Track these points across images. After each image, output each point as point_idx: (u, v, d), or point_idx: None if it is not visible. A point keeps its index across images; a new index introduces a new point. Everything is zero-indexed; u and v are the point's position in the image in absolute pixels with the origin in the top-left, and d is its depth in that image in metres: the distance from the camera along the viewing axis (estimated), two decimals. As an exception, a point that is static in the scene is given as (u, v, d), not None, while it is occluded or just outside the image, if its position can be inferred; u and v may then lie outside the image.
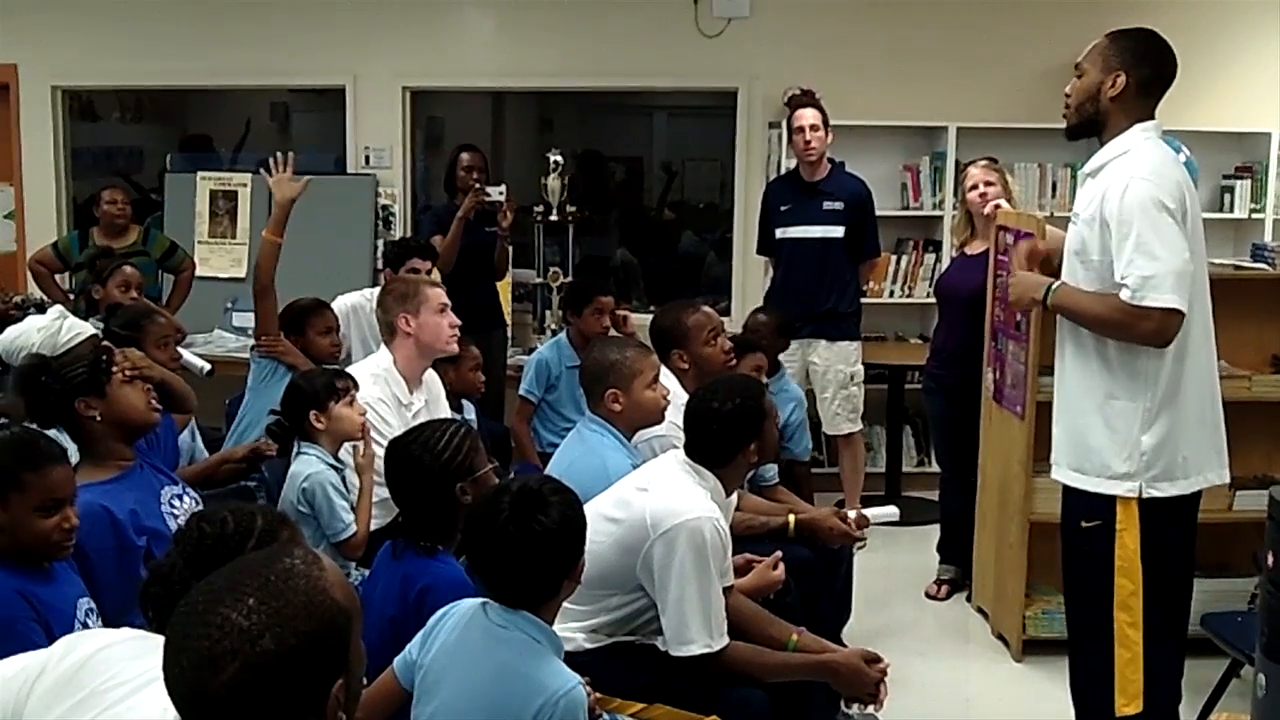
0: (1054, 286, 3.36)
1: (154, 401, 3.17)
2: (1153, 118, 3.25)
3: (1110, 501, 3.24)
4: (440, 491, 2.88)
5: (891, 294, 6.78)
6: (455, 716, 2.35)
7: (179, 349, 4.80)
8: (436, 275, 5.33)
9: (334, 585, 1.49)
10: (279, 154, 4.70)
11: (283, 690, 1.42)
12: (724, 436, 3.21)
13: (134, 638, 1.68)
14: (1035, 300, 3.45)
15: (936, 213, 6.71)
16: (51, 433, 3.13)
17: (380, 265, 6.51)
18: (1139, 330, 3.13)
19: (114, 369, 3.05)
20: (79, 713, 1.56)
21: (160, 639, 1.52)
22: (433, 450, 2.91)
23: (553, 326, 6.46)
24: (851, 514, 4.06)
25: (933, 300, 5.74)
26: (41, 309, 4.95)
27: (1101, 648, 3.29)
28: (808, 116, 5.63)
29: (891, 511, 4.27)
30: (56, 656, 1.64)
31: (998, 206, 4.89)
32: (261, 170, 4.76)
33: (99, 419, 3.00)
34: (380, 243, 6.88)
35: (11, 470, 2.47)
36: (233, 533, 1.99)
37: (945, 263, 6.44)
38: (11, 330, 4.28)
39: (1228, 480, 3.39)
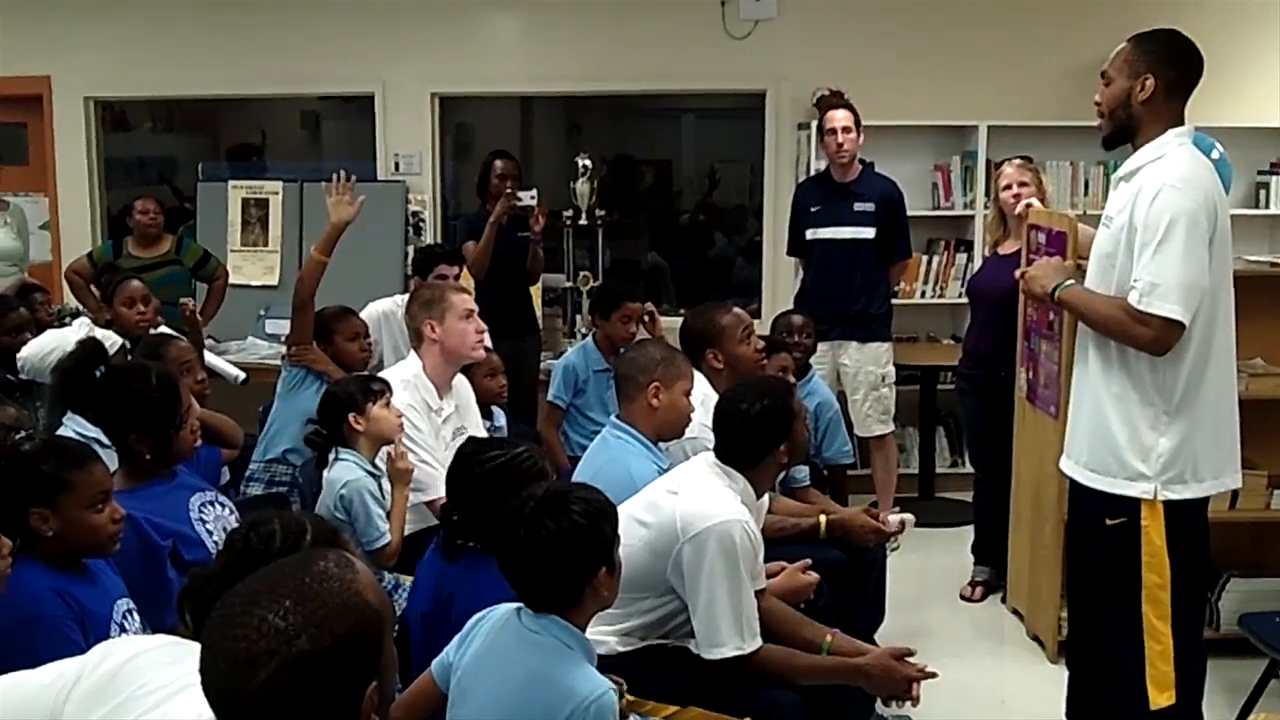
0: (1065, 283, 3.43)
1: (197, 437, 3.26)
2: (1183, 119, 3.25)
3: (1134, 500, 3.25)
4: (493, 509, 2.81)
5: (923, 294, 6.75)
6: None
7: (211, 356, 4.86)
8: (468, 281, 5.34)
9: (367, 588, 1.51)
10: (342, 172, 4.68)
11: (318, 691, 1.44)
12: (753, 438, 3.20)
13: (168, 643, 1.70)
14: (1045, 291, 3.52)
15: (968, 212, 6.68)
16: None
17: (410, 272, 6.53)
18: (1136, 334, 3.16)
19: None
20: (115, 718, 1.57)
21: (194, 645, 1.54)
22: (500, 474, 2.89)
23: (582, 331, 6.46)
24: (893, 519, 4.05)
25: (964, 300, 5.71)
26: (75, 318, 5.01)
27: (1131, 644, 3.28)
28: (839, 118, 5.62)
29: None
30: (92, 663, 1.65)
31: (1030, 205, 4.87)
32: (323, 184, 4.75)
33: (148, 456, 3.08)
34: (410, 249, 6.90)
35: (57, 474, 2.54)
36: (279, 549, 2.00)
37: (977, 263, 6.42)
38: (39, 342, 4.34)
39: (1240, 484, 3.43)
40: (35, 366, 4.30)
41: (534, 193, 6.06)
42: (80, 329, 4.34)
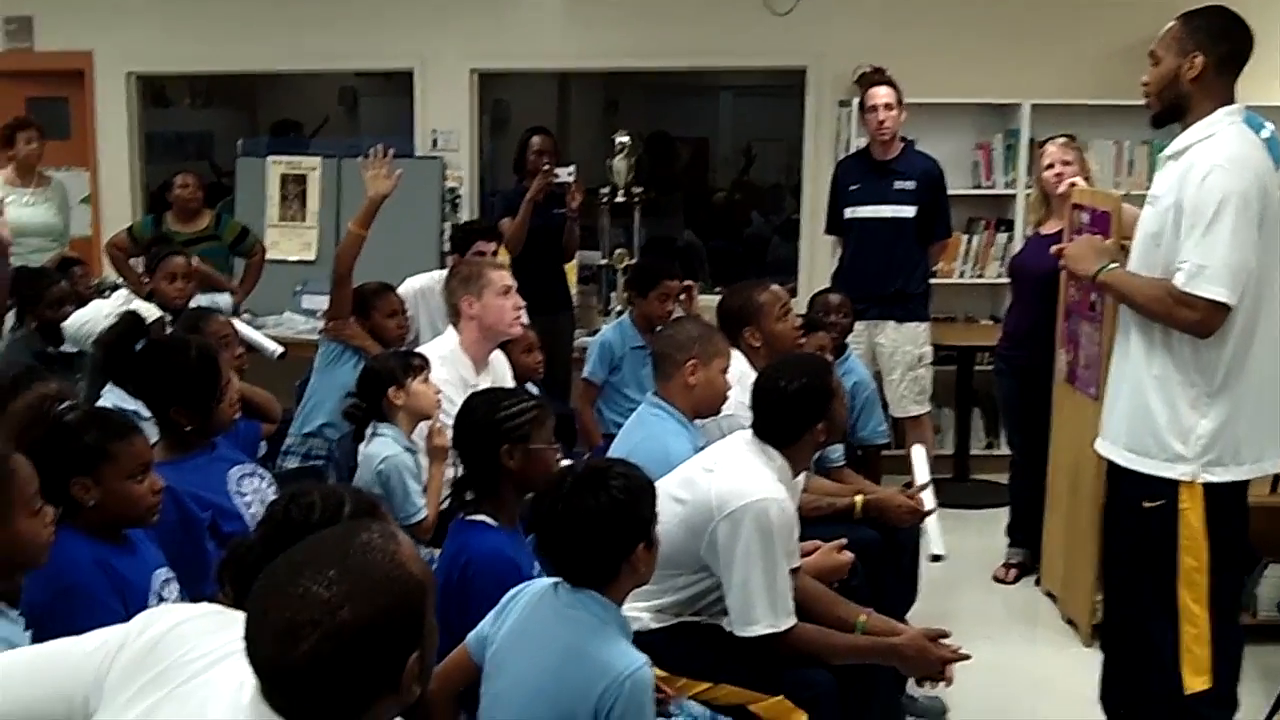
0: (1108, 266, 3.38)
1: (237, 410, 3.29)
2: (1233, 97, 3.20)
3: (1173, 482, 3.22)
4: (484, 448, 2.92)
5: (962, 274, 6.70)
6: (522, 695, 2.36)
7: (250, 331, 4.88)
8: (504, 258, 5.34)
9: (410, 559, 1.52)
10: (379, 146, 4.69)
11: (361, 661, 1.45)
12: (791, 415, 3.19)
13: (211, 613, 1.71)
14: (1087, 273, 3.48)
15: (1009, 191, 6.62)
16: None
17: (447, 249, 6.54)
18: (1181, 318, 3.12)
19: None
20: (157, 686, 1.59)
21: (236, 614, 1.56)
22: (492, 407, 2.96)
23: (617, 308, 6.45)
24: (927, 499, 4.04)
25: (1004, 280, 5.68)
26: (115, 291, 5.05)
27: (1166, 627, 3.26)
28: (881, 95, 5.59)
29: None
30: (135, 631, 1.67)
31: (1073, 184, 4.82)
32: (360, 159, 4.77)
33: (188, 428, 3.10)
34: (447, 225, 6.91)
35: (101, 445, 2.57)
36: (317, 520, 2.01)
37: (1017, 243, 6.36)
38: (80, 314, 4.38)
39: None
40: (76, 338, 4.35)
41: (571, 169, 6.06)
42: (120, 302, 4.39)
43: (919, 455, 4.31)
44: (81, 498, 2.53)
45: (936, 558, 4.01)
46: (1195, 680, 3.23)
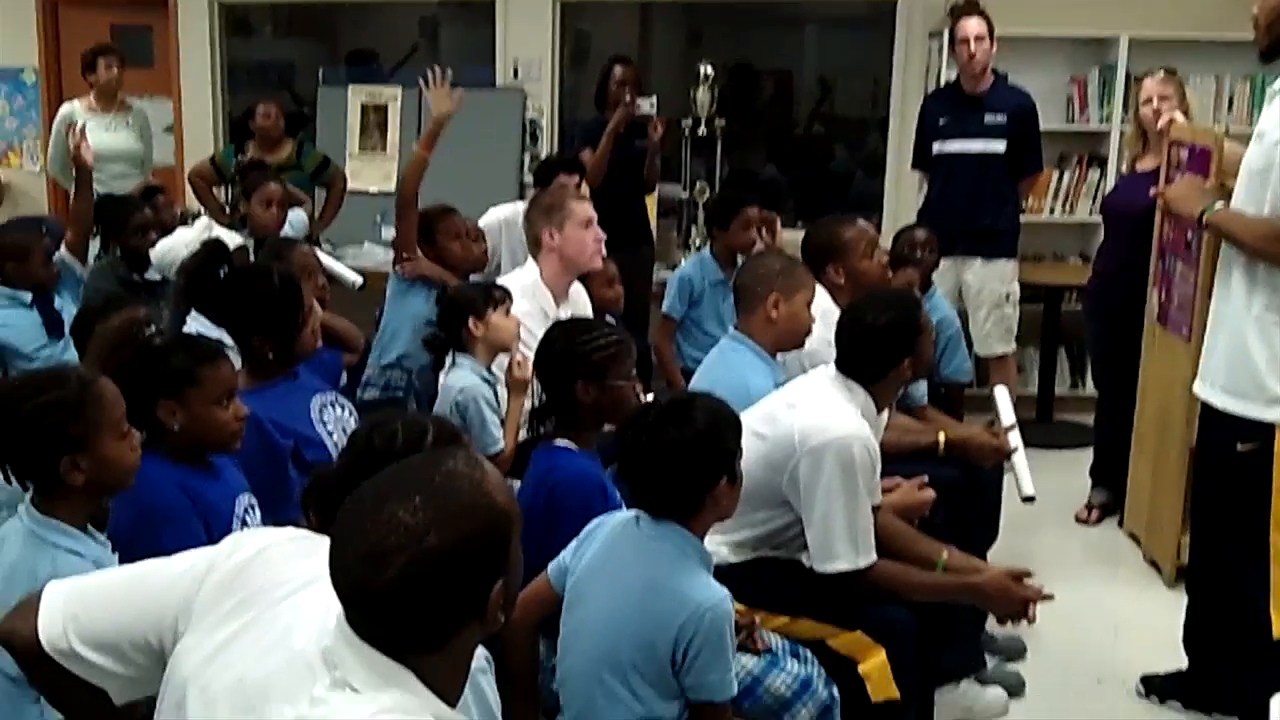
0: (1215, 206, 3.29)
1: (318, 338, 3.30)
2: None
3: (1269, 425, 3.15)
4: (559, 380, 2.91)
5: (1052, 211, 6.55)
6: (603, 625, 2.37)
7: (331, 261, 4.91)
8: (585, 189, 5.31)
9: (496, 488, 1.51)
10: (435, 68, 4.69)
11: (446, 588, 1.44)
12: (879, 351, 3.14)
13: (298, 538, 1.72)
14: (1191, 214, 3.39)
15: (1103, 128, 6.44)
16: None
17: (527, 180, 6.52)
18: None
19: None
20: (245, 609, 1.60)
21: (322, 539, 1.56)
22: (572, 340, 2.94)
23: (697, 243, 6.40)
24: (1012, 438, 3.97)
25: (1095, 219, 5.56)
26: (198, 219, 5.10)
27: (1256, 571, 3.20)
28: (972, 27, 5.47)
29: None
30: (224, 554, 1.68)
31: (1172, 120, 4.68)
32: (420, 81, 4.76)
33: (270, 356, 3.12)
34: (527, 157, 6.88)
35: (188, 369, 2.59)
36: (400, 449, 2.01)
37: (1110, 180, 6.22)
38: (164, 243, 4.43)
39: None
40: (160, 265, 4.40)
41: (653, 100, 5.99)
42: (202, 230, 4.42)
43: (1002, 395, 4.24)
44: (167, 421, 2.56)
45: (1028, 499, 3.94)
46: None
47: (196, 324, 3.64)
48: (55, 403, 2.21)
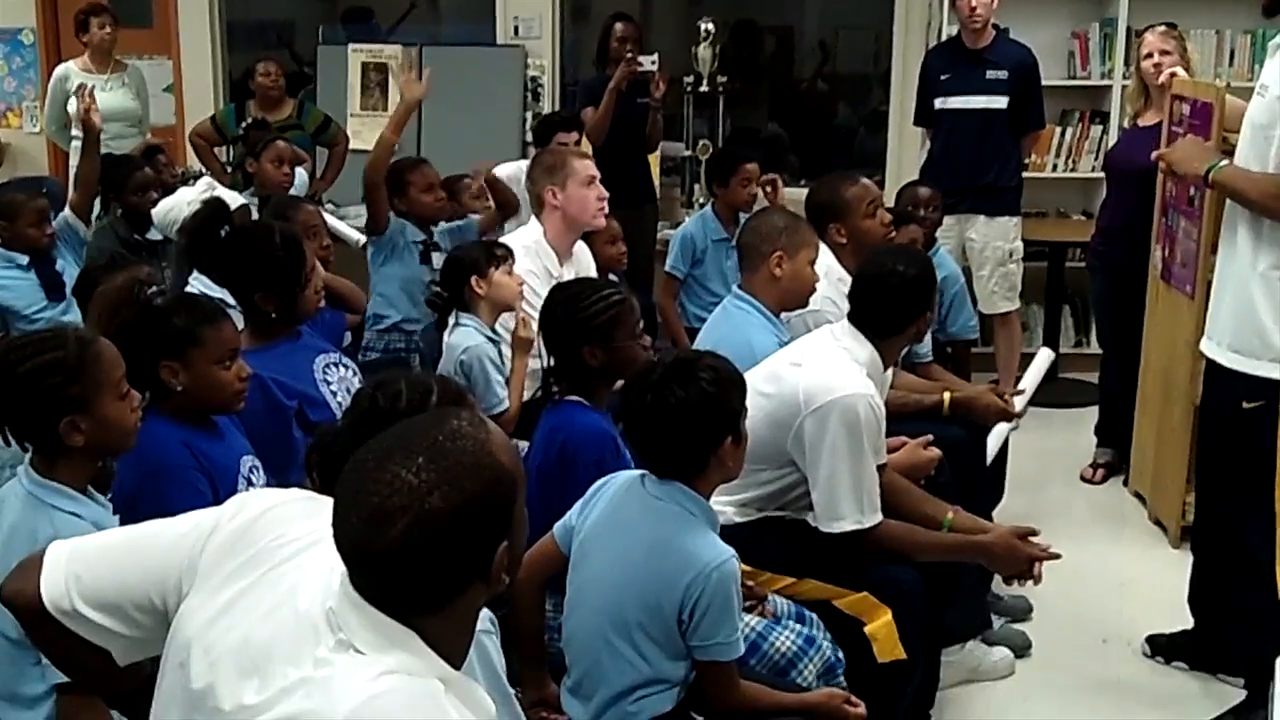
0: (1219, 164, 3.24)
1: (320, 298, 3.29)
2: None
3: (1275, 382, 3.13)
4: (566, 346, 2.90)
5: (1054, 168, 6.50)
6: (609, 584, 2.36)
7: (334, 221, 4.88)
8: (587, 147, 5.27)
9: (500, 448, 1.50)
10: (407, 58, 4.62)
11: (450, 548, 1.43)
12: (902, 303, 3.14)
13: (303, 498, 1.71)
14: (1196, 174, 3.35)
15: (1105, 82, 6.38)
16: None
17: (529, 139, 6.48)
18: None
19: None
20: (248, 570, 1.59)
21: (327, 500, 1.55)
22: (572, 307, 2.92)
23: (700, 200, 6.37)
24: (1019, 401, 3.96)
25: (1097, 175, 5.53)
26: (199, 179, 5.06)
27: (1260, 530, 3.16)
28: (973, -19, 5.41)
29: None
30: (228, 514, 1.67)
31: (1173, 74, 4.64)
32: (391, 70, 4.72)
33: (273, 315, 3.10)
34: (528, 115, 6.84)
35: (190, 328, 2.58)
36: (404, 408, 2.00)
37: (1113, 136, 6.17)
38: (165, 202, 4.40)
39: None
40: (162, 225, 4.38)
41: (655, 58, 5.94)
42: (204, 189, 4.39)
43: (1041, 361, 4.20)
44: (169, 381, 2.55)
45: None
46: None
47: (199, 284, 3.62)
48: (54, 363, 2.19)
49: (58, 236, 4.51)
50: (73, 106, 6.14)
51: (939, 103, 5.67)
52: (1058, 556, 3.00)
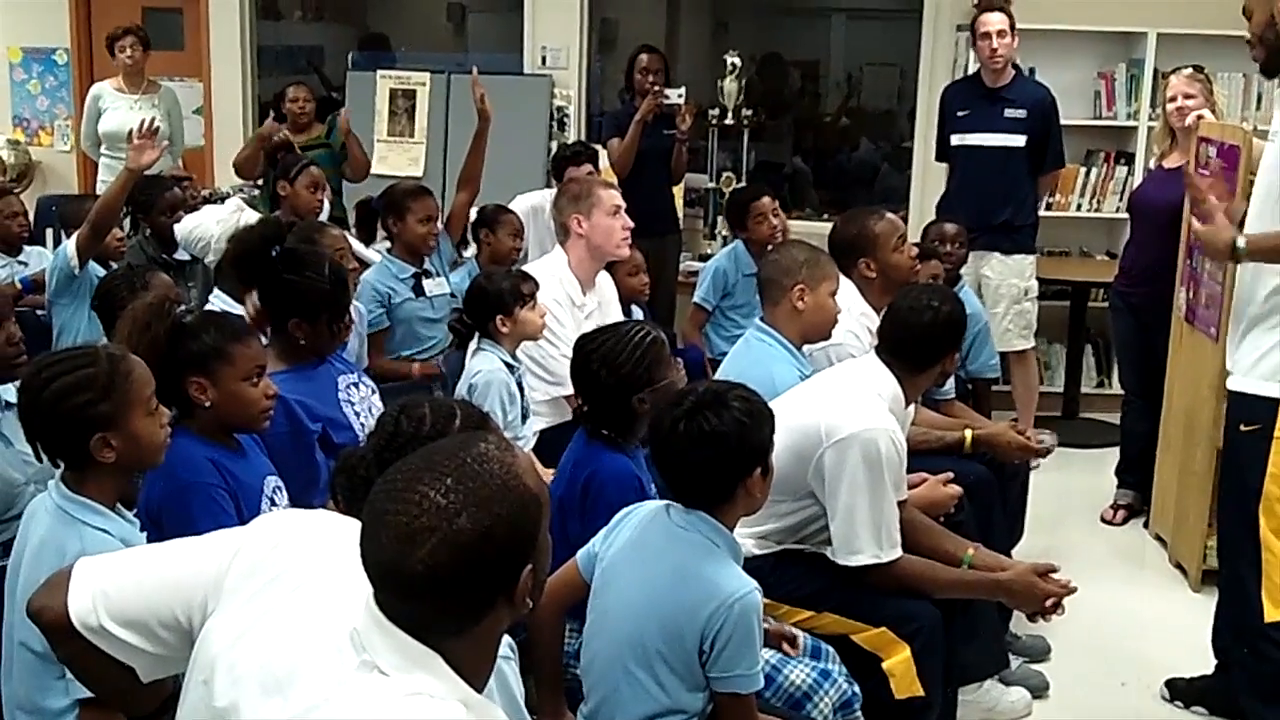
0: (1240, 243, 3.18)
1: (350, 330, 3.33)
2: None
3: (1272, 405, 3.11)
4: (617, 402, 2.85)
5: (1079, 207, 6.49)
6: (631, 612, 2.36)
7: (358, 244, 4.91)
8: (611, 177, 5.30)
9: (526, 472, 1.51)
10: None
11: (476, 569, 1.44)
12: (932, 340, 3.16)
13: (328, 520, 1.72)
14: (1226, 248, 3.28)
15: (1131, 123, 6.39)
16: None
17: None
18: None
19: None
20: (274, 589, 1.60)
21: (353, 521, 1.56)
22: (611, 363, 2.85)
23: (724, 233, 6.40)
24: (1047, 439, 3.96)
25: (1121, 215, 5.52)
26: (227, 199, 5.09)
27: (1247, 555, 3.18)
28: (993, 22, 5.44)
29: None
30: (254, 534, 1.68)
31: (1200, 117, 4.64)
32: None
33: (303, 341, 3.14)
34: (554, 144, 6.87)
35: (220, 346, 2.60)
36: (428, 432, 2.01)
37: (1138, 177, 6.16)
38: (189, 219, 4.41)
39: None
40: (187, 242, 4.39)
41: (681, 90, 5.99)
42: (233, 209, 4.41)
43: None
44: (198, 398, 2.57)
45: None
46: (1276, 610, 3.15)
47: (219, 301, 3.64)
48: (85, 380, 2.21)
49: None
50: (107, 125, 6.24)
51: (956, 139, 5.69)
52: (1074, 590, 2.99)
